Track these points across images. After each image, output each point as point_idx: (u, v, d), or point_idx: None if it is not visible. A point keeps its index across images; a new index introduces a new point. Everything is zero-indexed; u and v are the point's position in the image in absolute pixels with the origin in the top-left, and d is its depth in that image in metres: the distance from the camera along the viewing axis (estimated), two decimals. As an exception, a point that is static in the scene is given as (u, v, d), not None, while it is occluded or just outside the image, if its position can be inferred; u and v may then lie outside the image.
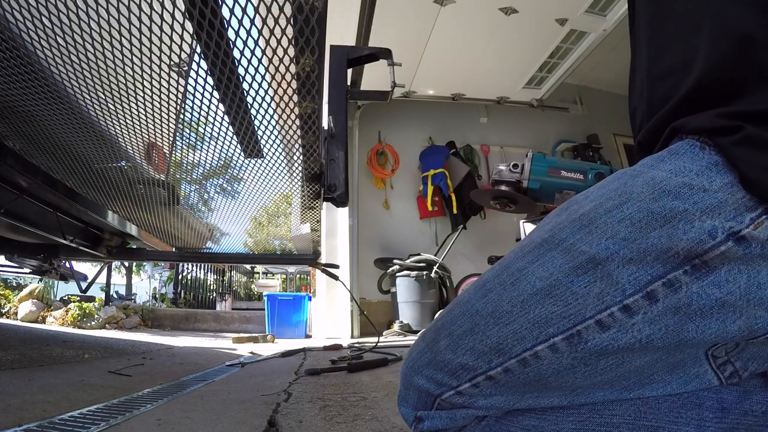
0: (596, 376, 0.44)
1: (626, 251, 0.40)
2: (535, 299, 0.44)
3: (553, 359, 0.43)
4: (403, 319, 3.77)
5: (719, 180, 0.38)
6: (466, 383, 0.47)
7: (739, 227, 0.36)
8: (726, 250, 0.37)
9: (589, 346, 0.42)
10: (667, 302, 0.39)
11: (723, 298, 0.37)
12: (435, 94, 4.59)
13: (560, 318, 0.42)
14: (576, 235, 0.43)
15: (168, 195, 1.75)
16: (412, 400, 0.52)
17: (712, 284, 0.37)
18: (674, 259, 0.38)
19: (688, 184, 0.39)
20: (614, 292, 0.40)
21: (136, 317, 4.60)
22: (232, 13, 0.78)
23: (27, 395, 1.10)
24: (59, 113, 1.15)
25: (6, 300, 4.39)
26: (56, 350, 2.21)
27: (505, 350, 0.45)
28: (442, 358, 0.49)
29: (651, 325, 0.40)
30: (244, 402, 1.09)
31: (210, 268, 8.45)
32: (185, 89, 1.06)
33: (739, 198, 0.37)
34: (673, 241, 0.38)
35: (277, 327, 4.11)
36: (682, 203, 0.38)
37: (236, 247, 2.67)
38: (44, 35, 0.83)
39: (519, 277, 0.46)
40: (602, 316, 0.41)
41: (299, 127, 1.20)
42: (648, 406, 0.46)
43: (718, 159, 0.39)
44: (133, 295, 7.61)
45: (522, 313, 0.45)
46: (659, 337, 0.40)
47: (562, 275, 0.43)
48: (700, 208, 0.38)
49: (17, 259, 2.45)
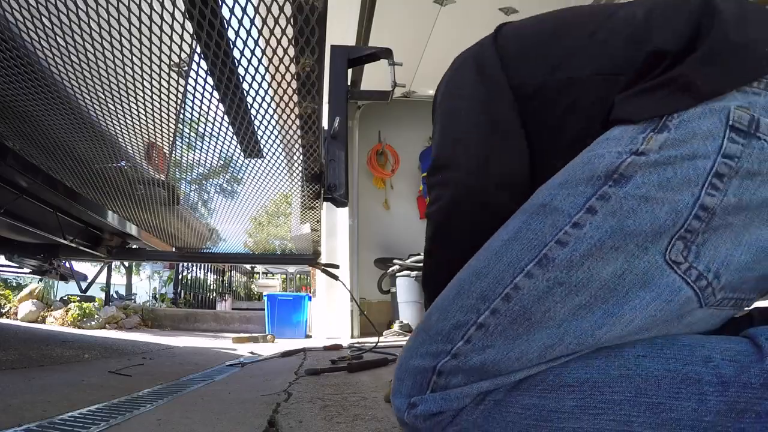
0: (573, 296, 0.49)
1: (564, 190, 0.52)
2: (505, 247, 0.54)
3: (531, 286, 0.50)
4: (403, 319, 3.77)
5: (619, 129, 0.53)
6: (459, 342, 0.51)
7: (636, 146, 0.50)
8: (632, 162, 0.49)
9: (557, 263, 0.50)
10: (604, 210, 0.49)
11: (645, 194, 0.48)
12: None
13: (527, 250, 0.52)
14: (529, 202, 0.56)
15: (168, 195, 1.75)
16: (406, 388, 0.53)
17: (633, 187, 0.49)
18: (598, 180, 0.50)
19: (598, 140, 0.54)
20: (563, 217, 0.51)
21: (136, 317, 4.59)
22: (232, 13, 0.79)
23: (27, 395, 1.10)
24: (59, 113, 1.15)
25: (6, 300, 4.39)
26: (56, 350, 2.21)
27: (489, 295, 0.52)
28: (435, 329, 0.54)
29: (598, 229, 0.49)
30: (244, 402, 1.09)
31: (210, 268, 8.45)
32: (185, 89, 1.06)
33: (631, 131, 0.51)
34: (594, 169, 0.51)
35: (277, 327, 4.11)
36: (595, 148, 0.53)
37: (236, 247, 2.67)
38: (44, 35, 0.83)
39: (490, 243, 0.56)
40: (559, 235, 0.50)
41: (299, 127, 1.20)
42: (648, 383, 0.48)
43: (615, 119, 0.54)
44: (133, 295, 7.62)
45: (497, 261, 0.53)
46: (608, 236, 0.49)
47: (522, 223, 0.54)
48: (606, 146, 0.52)
49: (17, 259, 2.45)
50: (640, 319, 0.49)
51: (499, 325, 0.50)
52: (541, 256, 0.50)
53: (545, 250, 0.50)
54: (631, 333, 0.50)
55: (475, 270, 0.55)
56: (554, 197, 0.52)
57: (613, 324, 0.49)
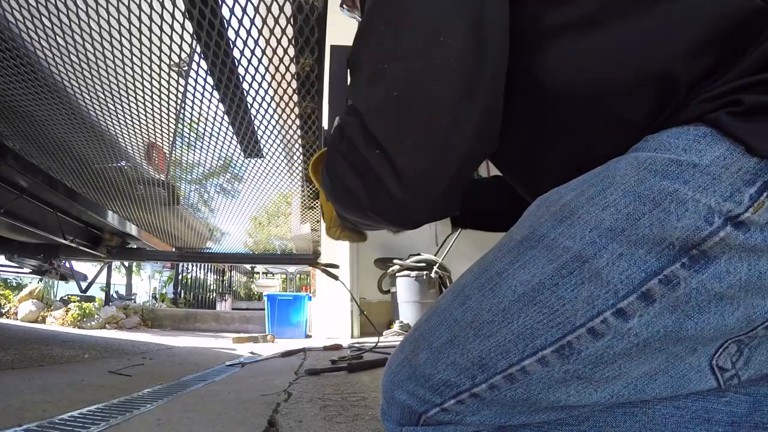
0: (591, 393, 0.39)
1: (615, 244, 0.36)
2: (518, 307, 0.39)
3: (543, 373, 0.39)
4: (403, 319, 3.77)
5: (710, 153, 0.34)
6: (451, 400, 0.43)
7: (738, 210, 0.33)
8: (725, 236, 0.33)
9: (582, 357, 0.37)
10: (665, 301, 0.35)
11: (723, 292, 0.34)
12: (435, 94, 4.59)
13: (547, 328, 0.38)
14: (557, 229, 0.39)
15: (168, 195, 1.75)
16: (396, 416, 0.47)
17: (713, 277, 0.34)
18: (669, 250, 0.34)
19: (676, 160, 0.35)
20: (606, 294, 0.36)
21: (136, 317, 4.59)
22: (232, 13, 0.79)
23: (27, 395, 1.10)
24: (59, 113, 1.15)
25: (6, 300, 4.39)
26: (56, 350, 2.21)
27: (489, 365, 0.41)
28: (422, 372, 0.44)
29: (647, 328, 0.35)
30: (244, 402, 1.09)
31: (210, 268, 8.46)
32: (185, 89, 1.06)
33: (735, 171, 0.33)
34: (666, 230, 0.34)
35: (277, 327, 4.11)
36: (671, 183, 0.34)
37: (236, 247, 2.68)
38: (44, 35, 0.83)
39: (498, 282, 0.41)
40: (595, 323, 0.36)
41: (299, 127, 1.20)
42: (654, 422, 0.42)
43: (706, 130, 0.35)
44: (133, 295, 7.61)
45: (504, 324, 0.40)
46: (657, 339, 0.36)
47: (546, 277, 0.38)
48: (692, 187, 0.34)
49: (17, 259, 2.45)
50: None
51: (497, 399, 0.42)
52: (564, 342, 0.37)
53: (571, 337, 0.37)
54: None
55: (474, 319, 0.42)
56: (599, 252, 0.36)
57: (627, 418, 0.43)
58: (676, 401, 0.41)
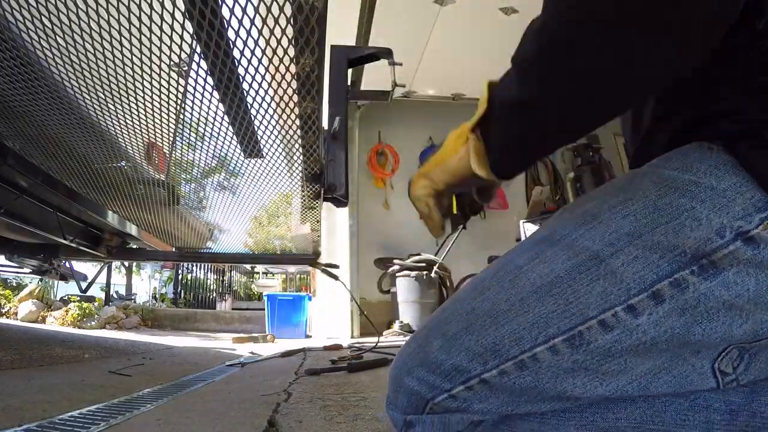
0: (596, 385, 0.41)
1: (631, 248, 0.39)
2: (535, 297, 0.42)
3: (552, 362, 0.41)
4: (403, 319, 3.77)
5: (728, 179, 0.37)
6: (460, 386, 0.45)
7: (748, 227, 0.35)
8: (734, 250, 0.36)
9: (591, 348, 0.40)
10: (674, 303, 0.37)
11: (731, 301, 0.36)
12: (435, 94, 4.58)
13: (561, 318, 0.41)
14: (578, 231, 0.42)
15: (168, 195, 1.75)
16: (402, 404, 0.49)
17: (721, 285, 0.36)
18: (681, 257, 0.37)
19: (696, 181, 0.38)
20: (618, 291, 0.39)
21: (136, 317, 4.59)
22: (232, 13, 0.78)
23: (27, 395, 1.10)
24: (59, 113, 1.15)
25: (6, 300, 4.39)
26: (56, 350, 2.21)
27: (502, 351, 0.43)
28: (434, 358, 0.46)
29: (656, 327, 0.38)
30: (244, 402, 1.09)
31: (210, 268, 8.45)
32: (185, 89, 1.06)
33: (748, 198, 0.36)
34: (679, 238, 0.37)
35: (277, 327, 4.11)
36: (689, 200, 0.38)
37: (236, 247, 2.67)
38: (44, 35, 0.83)
39: (518, 275, 0.44)
40: (606, 316, 0.39)
41: (299, 127, 1.20)
42: (654, 410, 0.44)
43: (727, 159, 0.38)
44: (133, 295, 7.61)
45: (520, 312, 0.43)
46: (664, 339, 0.38)
47: (564, 272, 0.41)
48: (708, 207, 0.37)
49: (17, 259, 2.45)
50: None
51: (505, 385, 0.44)
52: (575, 332, 0.40)
53: (582, 327, 0.40)
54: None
55: (491, 308, 0.45)
56: (616, 253, 0.39)
57: (627, 404, 0.45)
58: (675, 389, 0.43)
